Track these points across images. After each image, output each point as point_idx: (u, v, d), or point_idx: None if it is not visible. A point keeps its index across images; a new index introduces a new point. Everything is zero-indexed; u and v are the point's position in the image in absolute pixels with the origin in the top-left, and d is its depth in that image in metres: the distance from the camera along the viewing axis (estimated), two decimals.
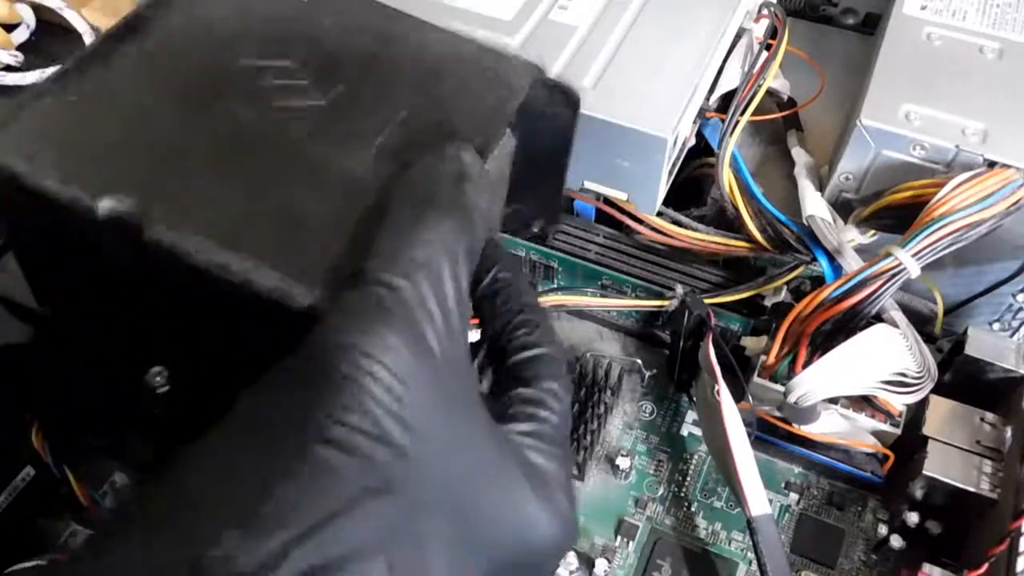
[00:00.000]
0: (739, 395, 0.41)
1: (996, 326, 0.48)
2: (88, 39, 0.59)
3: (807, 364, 0.40)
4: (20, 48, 0.60)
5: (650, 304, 0.47)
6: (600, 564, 0.41)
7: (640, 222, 0.47)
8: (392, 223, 0.23)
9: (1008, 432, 0.39)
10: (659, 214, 0.47)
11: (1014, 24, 0.48)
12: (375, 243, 0.23)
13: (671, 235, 0.48)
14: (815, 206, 0.45)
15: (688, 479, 0.45)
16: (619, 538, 0.42)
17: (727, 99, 0.46)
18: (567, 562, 0.40)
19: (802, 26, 0.58)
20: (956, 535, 0.39)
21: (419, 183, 0.25)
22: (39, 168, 0.26)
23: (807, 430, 0.42)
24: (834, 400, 0.42)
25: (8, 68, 0.58)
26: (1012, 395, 0.40)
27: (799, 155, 0.49)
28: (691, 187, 0.51)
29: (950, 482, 0.38)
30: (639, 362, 0.49)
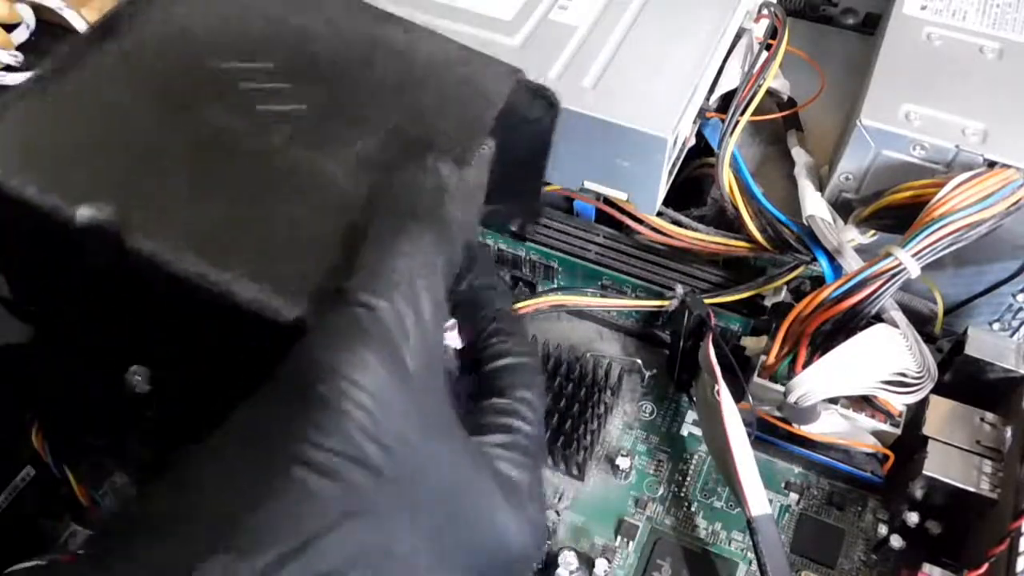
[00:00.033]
0: (739, 395, 0.41)
1: (996, 326, 0.48)
2: None
3: (807, 364, 0.40)
4: (20, 48, 0.60)
5: (650, 304, 0.47)
6: (600, 564, 0.41)
7: (640, 222, 0.47)
8: (373, 238, 0.24)
9: (1008, 432, 0.39)
10: (659, 214, 0.47)
11: (1014, 24, 0.48)
12: (357, 260, 0.23)
13: (671, 235, 0.48)
14: (815, 206, 0.45)
15: (688, 479, 0.45)
16: (619, 538, 0.42)
17: (727, 99, 0.46)
18: (567, 562, 0.40)
19: (802, 26, 0.58)
20: (956, 535, 0.39)
21: (399, 197, 0.25)
22: (18, 175, 0.26)
23: (807, 430, 0.42)
24: (834, 400, 0.42)
25: (8, 68, 0.58)
26: (1012, 395, 0.40)
27: (799, 155, 0.49)
28: (691, 187, 0.51)
29: (950, 482, 0.38)
30: (639, 362, 0.49)
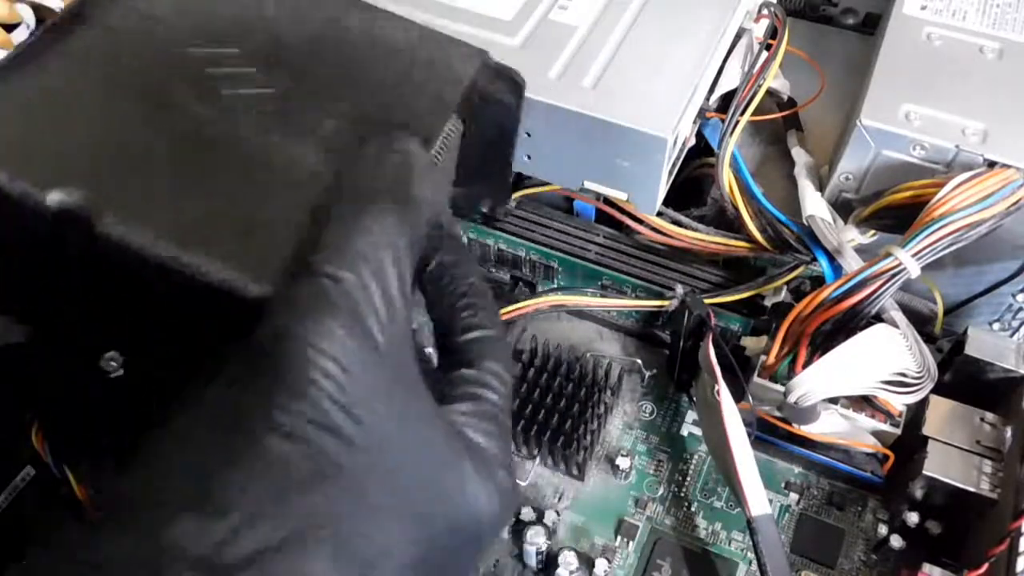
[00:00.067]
0: (739, 395, 0.41)
1: (996, 326, 0.48)
2: None
3: (807, 364, 0.40)
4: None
5: (650, 304, 0.47)
6: (600, 564, 0.41)
7: (640, 222, 0.48)
8: (337, 216, 0.24)
9: (1008, 432, 0.39)
10: (659, 214, 0.47)
11: (1014, 24, 0.48)
12: (321, 237, 0.23)
13: (671, 235, 0.48)
14: (815, 206, 0.45)
15: (688, 479, 0.45)
16: (619, 538, 0.42)
17: (727, 99, 0.46)
18: (567, 562, 0.40)
19: (802, 26, 0.58)
20: (956, 535, 0.39)
21: (363, 175, 0.26)
22: None
23: (807, 430, 0.42)
24: (834, 400, 0.42)
25: None
26: (1012, 395, 0.40)
27: (799, 155, 0.49)
28: (691, 187, 0.51)
29: (950, 482, 0.38)
30: (639, 362, 0.49)
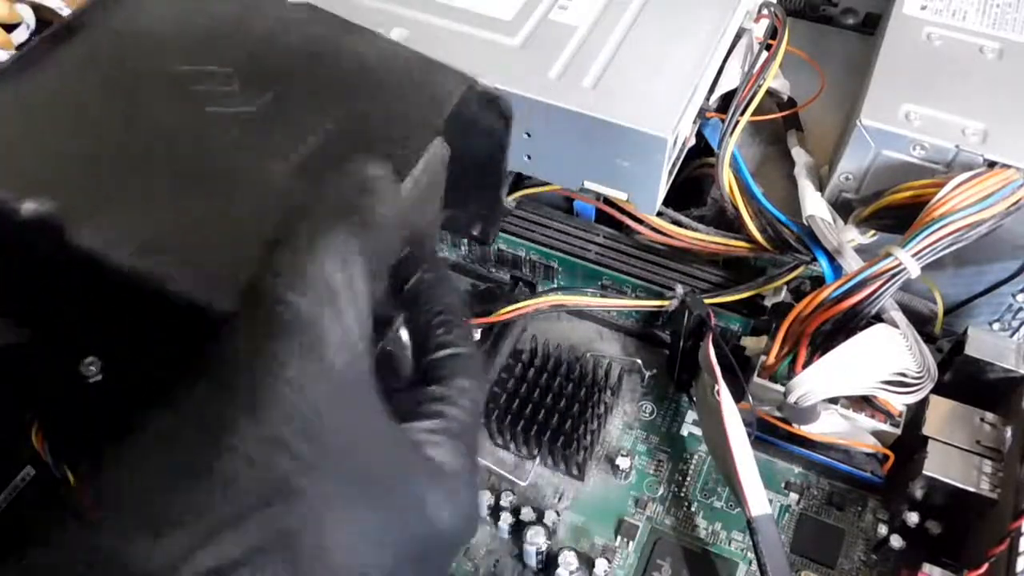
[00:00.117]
0: (739, 395, 0.41)
1: (996, 326, 0.48)
2: None
3: (807, 364, 0.40)
4: (20, 48, 0.60)
5: (650, 304, 0.47)
6: (600, 564, 0.41)
7: (640, 222, 0.48)
8: (292, 237, 0.24)
9: (1008, 432, 0.39)
10: (659, 214, 0.47)
11: (1014, 24, 0.48)
12: (273, 259, 0.24)
13: (671, 235, 0.48)
14: (815, 206, 0.45)
15: (688, 479, 0.45)
16: (619, 538, 0.42)
17: (727, 99, 0.46)
18: (567, 562, 0.40)
19: (802, 26, 0.58)
20: (956, 535, 0.39)
21: (323, 196, 0.26)
22: None
23: (807, 430, 0.42)
24: (834, 400, 0.42)
25: None
26: (1012, 395, 0.40)
27: (799, 155, 0.49)
28: (691, 187, 0.51)
29: (950, 482, 0.38)
30: (639, 362, 0.49)
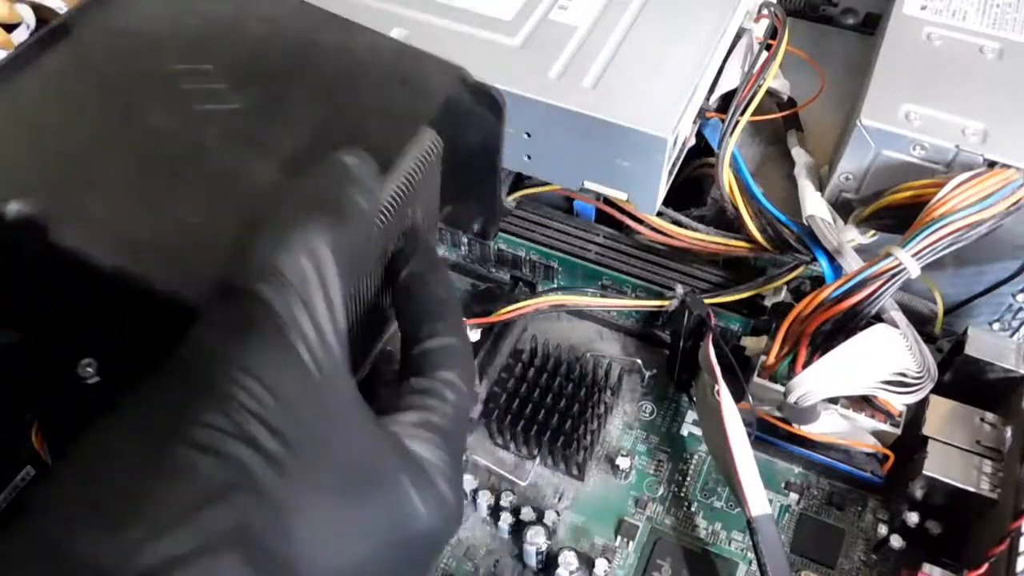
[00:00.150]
0: (739, 395, 0.41)
1: (996, 326, 0.48)
2: None
3: (807, 364, 0.40)
4: None
5: (650, 304, 0.47)
6: (600, 564, 0.41)
7: (640, 222, 0.48)
8: (266, 232, 0.24)
9: (1008, 432, 0.39)
10: (659, 214, 0.47)
11: (1014, 24, 0.48)
12: (246, 254, 0.23)
13: (671, 235, 0.48)
14: (815, 206, 0.45)
15: (688, 479, 0.45)
16: (619, 538, 0.42)
17: (727, 99, 0.46)
18: (567, 562, 0.40)
19: (802, 26, 0.58)
20: (956, 535, 0.39)
21: (299, 191, 0.25)
22: None
23: (807, 430, 0.42)
24: (834, 400, 0.42)
25: None
26: (1012, 395, 0.40)
27: (799, 155, 0.49)
28: (691, 187, 0.51)
29: (950, 482, 0.38)
30: (639, 362, 0.49)
